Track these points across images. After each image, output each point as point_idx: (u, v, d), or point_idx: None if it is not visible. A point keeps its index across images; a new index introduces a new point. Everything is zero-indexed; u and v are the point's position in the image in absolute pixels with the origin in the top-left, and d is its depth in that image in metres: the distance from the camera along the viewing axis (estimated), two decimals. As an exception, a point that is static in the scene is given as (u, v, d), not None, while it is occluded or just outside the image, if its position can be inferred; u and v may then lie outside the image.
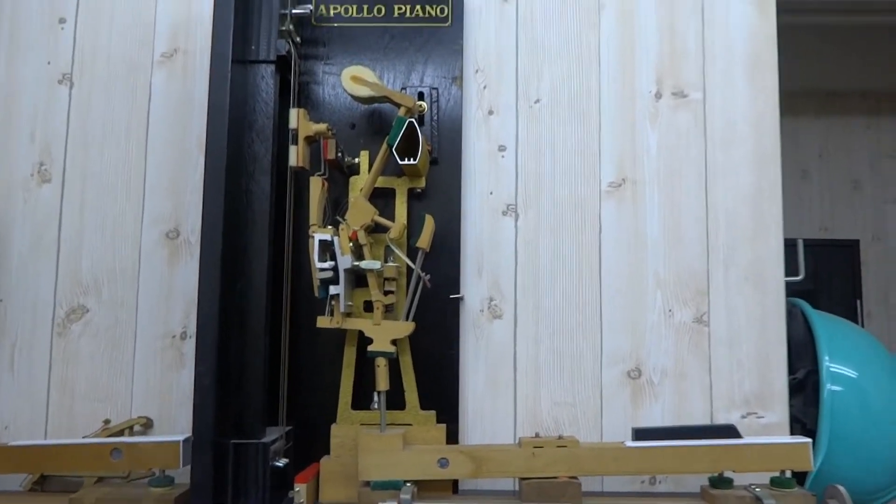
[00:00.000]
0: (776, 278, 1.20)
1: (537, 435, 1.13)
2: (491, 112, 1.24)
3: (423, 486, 1.05)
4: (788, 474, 1.05)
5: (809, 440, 1.03)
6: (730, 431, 1.05)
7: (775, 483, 1.04)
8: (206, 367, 0.98)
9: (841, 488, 0.99)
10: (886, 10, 3.26)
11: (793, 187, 4.34)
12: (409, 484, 1.01)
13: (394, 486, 1.01)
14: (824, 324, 1.30)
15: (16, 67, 1.27)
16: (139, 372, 1.21)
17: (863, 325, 4.16)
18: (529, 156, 1.23)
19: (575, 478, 1.02)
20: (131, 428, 1.17)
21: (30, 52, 1.28)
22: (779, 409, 1.17)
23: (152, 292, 1.22)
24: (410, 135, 1.07)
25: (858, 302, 4.32)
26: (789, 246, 1.33)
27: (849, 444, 1.20)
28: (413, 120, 1.08)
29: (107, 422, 1.19)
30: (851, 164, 4.41)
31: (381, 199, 1.16)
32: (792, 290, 1.36)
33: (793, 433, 1.19)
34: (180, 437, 1.05)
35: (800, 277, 1.38)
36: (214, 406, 0.98)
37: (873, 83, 4.21)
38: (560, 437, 1.05)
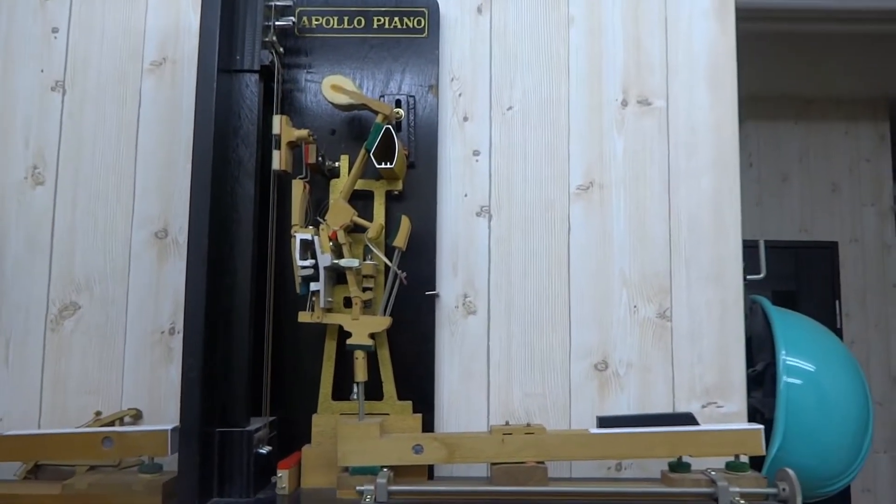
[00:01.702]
0: (735, 276, 1.26)
1: (507, 423, 1.19)
2: (466, 118, 1.30)
3: (399, 472, 1.11)
4: (744, 459, 1.11)
5: (762, 427, 1.10)
6: (688, 419, 1.12)
7: (730, 467, 1.10)
8: (193, 360, 1.04)
9: (790, 471, 1.05)
10: (863, 19, 3.35)
11: (774, 191, 4.42)
12: (385, 469, 1.07)
13: (371, 472, 1.07)
14: (782, 319, 1.37)
15: (10, 75, 1.33)
16: (129, 366, 1.26)
17: (841, 326, 4.25)
18: (502, 160, 1.29)
19: (542, 463, 1.09)
20: (121, 419, 1.22)
21: (24, 60, 1.33)
22: (737, 400, 1.24)
23: (142, 290, 1.28)
24: (387, 140, 1.14)
25: (837, 302, 4.41)
26: (750, 247, 1.40)
27: (804, 433, 1.27)
28: (390, 126, 1.14)
29: (98, 414, 1.24)
30: (831, 168, 4.50)
31: (361, 201, 1.22)
32: (776, 292, 1.43)
33: (752, 422, 1.25)
34: (169, 427, 1.10)
35: (761, 276, 1.45)
36: (201, 397, 1.03)
37: (851, 91, 4.31)
38: (528, 425, 1.12)
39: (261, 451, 1.10)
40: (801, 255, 4.39)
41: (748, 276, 1.42)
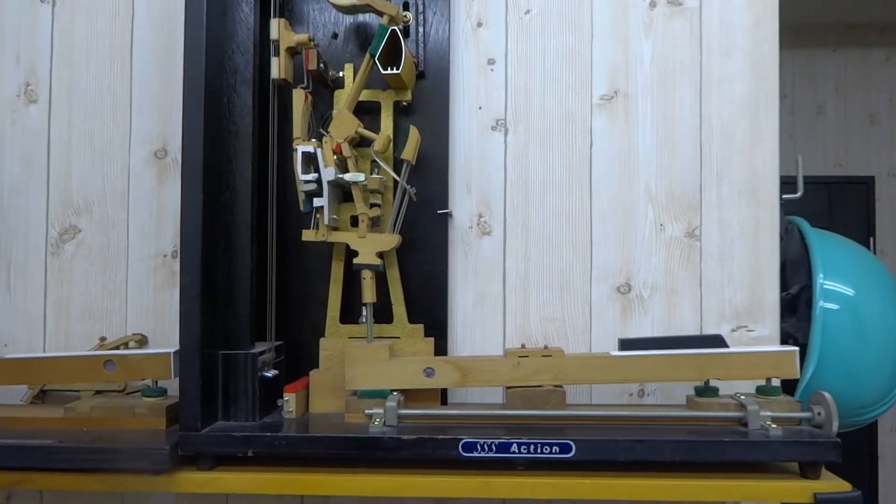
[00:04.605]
0: (770, 191, 1.17)
1: (523, 346, 1.14)
2: (480, 24, 1.20)
3: (410, 397, 1.06)
4: (776, 382, 1.05)
5: (796, 348, 1.03)
6: (716, 341, 1.05)
7: (761, 391, 1.04)
8: (192, 279, 0.98)
9: (826, 395, 0.98)
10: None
11: (808, 123, 4.23)
12: (395, 392, 1.03)
13: (381, 395, 1.03)
14: (821, 241, 1.28)
15: (-3, -14, 1.25)
16: (132, 290, 1.22)
17: (875, 263, 4.11)
18: (519, 69, 1.20)
19: (560, 386, 1.03)
20: (126, 344, 1.19)
21: (10, -31, 1.25)
22: (769, 323, 1.16)
23: (142, 212, 1.22)
24: (393, 43, 1.05)
25: (872, 239, 4.26)
26: (783, 183, 1.29)
27: (839, 359, 1.19)
28: (396, 28, 1.05)
29: (102, 339, 1.21)
30: (869, 98, 4.28)
31: (368, 114, 1.14)
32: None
33: (785, 347, 1.18)
34: (171, 349, 1.06)
35: (798, 195, 1.35)
36: (201, 317, 0.99)
37: (894, 16, 4.06)
38: (546, 348, 1.06)
39: (266, 374, 1.06)
40: (834, 190, 4.23)
41: (784, 196, 1.32)
